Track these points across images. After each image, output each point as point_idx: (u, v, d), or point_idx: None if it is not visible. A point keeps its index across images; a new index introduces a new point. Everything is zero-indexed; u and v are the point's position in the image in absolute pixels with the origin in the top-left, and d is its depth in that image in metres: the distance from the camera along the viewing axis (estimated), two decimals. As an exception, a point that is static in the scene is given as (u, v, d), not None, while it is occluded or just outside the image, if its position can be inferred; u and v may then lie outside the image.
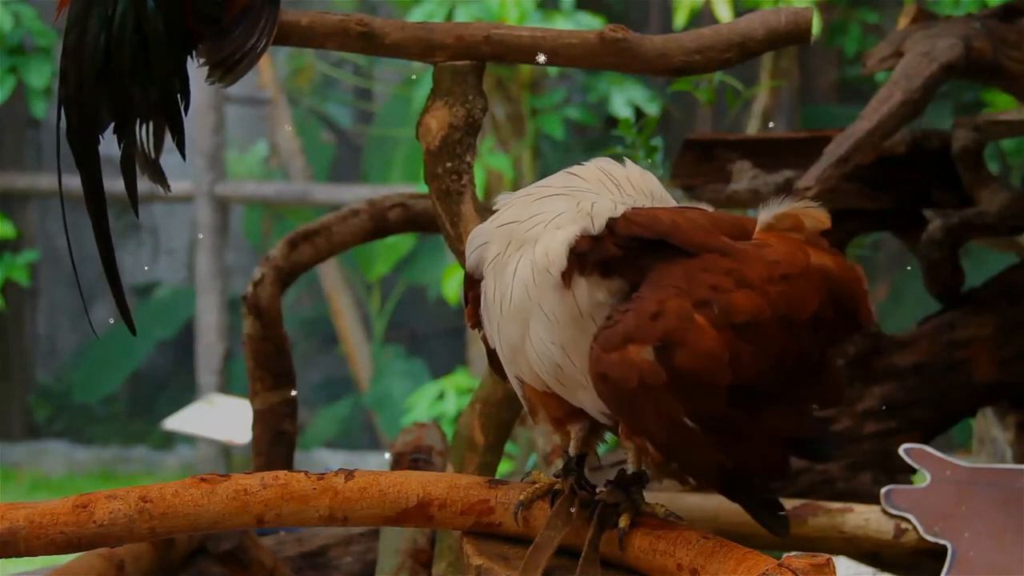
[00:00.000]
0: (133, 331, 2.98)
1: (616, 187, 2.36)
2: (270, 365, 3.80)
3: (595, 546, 2.33)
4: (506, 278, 2.30)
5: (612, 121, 8.34)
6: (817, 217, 2.37)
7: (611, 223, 2.27)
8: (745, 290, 2.23)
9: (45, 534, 2.35)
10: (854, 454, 4.10)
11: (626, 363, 2.20)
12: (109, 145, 2.89)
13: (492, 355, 2.44)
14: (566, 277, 2.25)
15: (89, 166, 2.86)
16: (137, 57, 2.80)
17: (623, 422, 2.29)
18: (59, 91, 2.85)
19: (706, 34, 2.96)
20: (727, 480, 2.35)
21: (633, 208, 2.31)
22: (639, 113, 8.51)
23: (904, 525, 3.53)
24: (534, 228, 2.29)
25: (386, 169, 10.64)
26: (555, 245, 2.26)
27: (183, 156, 2.93)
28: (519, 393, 2.43)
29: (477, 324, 2.44)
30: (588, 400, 2.33)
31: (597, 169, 2.39)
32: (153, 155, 2.88)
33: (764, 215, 2.37)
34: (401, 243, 10.15)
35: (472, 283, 2.41)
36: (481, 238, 2.37)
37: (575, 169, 2.40)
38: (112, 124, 2.85)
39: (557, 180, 2.38)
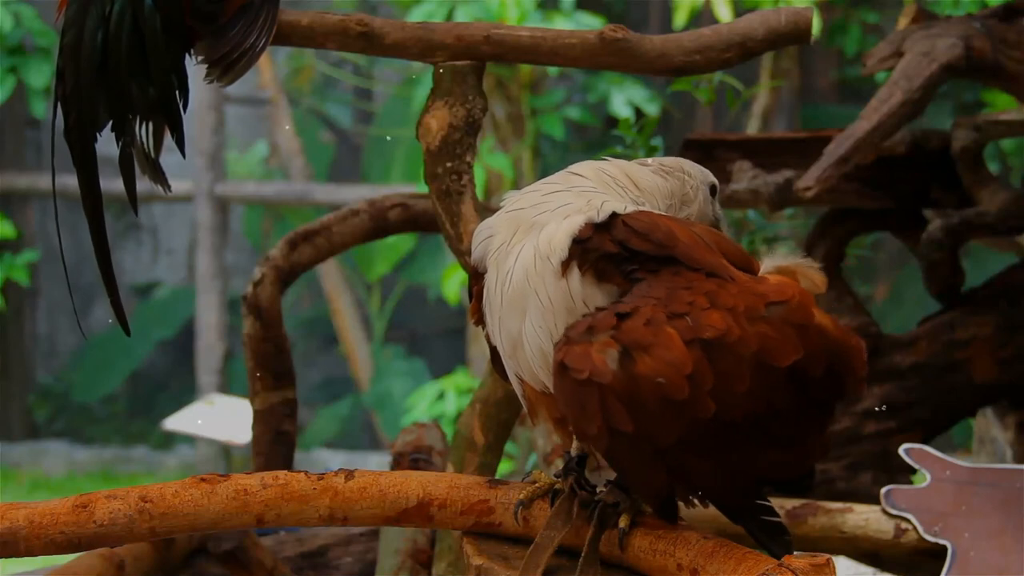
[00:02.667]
0: (127, 331, 2.98)
1: (613, 181, 2.39)
2: (270, 365, 3.80)
3: (595, 546, 2.33)
4: (508, 263, 2.31)
5: (612, 121, 8.35)
6: (814, 279, 2.36)
7: (611, 219, 2.28)
8: (721, 311, 2.21)
9: (45, 534, 2.35)
10: (854, 454, 4.10)
11: (584, 356, 2.18)
12: (110, 145, 2.89)
13: (495, 353, 2.45)
14: (565, 266, 2.26)
15: (86, 165, 2.86)
16: (134, 55, 2.80)
17: (571, 422, 2.25)
18: (56, 90, 2.84)
19: (706, 34, 2.97)
20: (667, 506, 2.31)
21: (638, 210, 2.32)
22: (639, 113, 8.52)
23: (904, 525, 3.53)
24: (541, 215, 2.31)
25: (386, 169, 10.64)
26: (559, 234, 2.28)
27: (183, 154, 2.93)
28: (519, 393, 2.43)
29: (480, 320, 2.44)
30: None
31: (595, 169, 2.41)
32: (152, 154, 2.88)
33: (766, 264, 2.37)
34: (401, 243, 10.16)
35: (476, 277, 2.42)
36: (487, 231, 2.38)
37: (574, 167, 2.42)
38: (110, 122, 2.85)
39: (560, 177, 2.40)
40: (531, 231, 2.31)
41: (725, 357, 2.19)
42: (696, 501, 2.39)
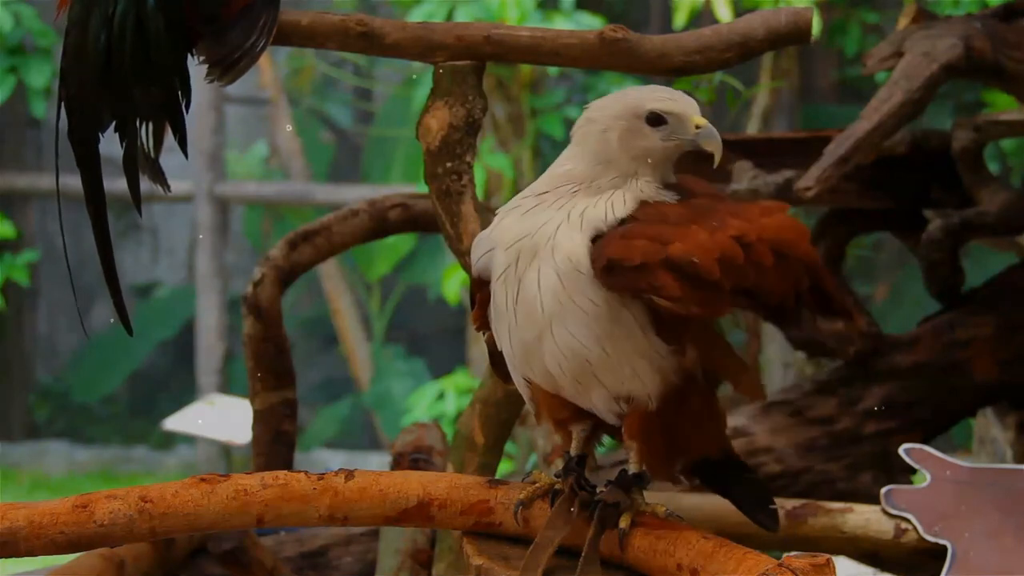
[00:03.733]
0: (130, 332, 2.98)
1: (572, 183, 2.38)
2: (270, 365, 3.79)
3: (595, 546, 2.34)
4: (529, 290, 2.30)
5: (612, 121, 8.32)
6: None
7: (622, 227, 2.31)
8: (741, 220, 2.31)
9: (45, 534, 2.35)
10: (854, 454, 4.10)
11: (628, 247, 2.25)
12: (111, 145, 2.89)
13: (495, 356, 2.44)
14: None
15: (90, 166, 2.86)
16: (137, 56, 2.80)
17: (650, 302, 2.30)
18: (60, 91, 2.85)
19: (706, 34, 2.96)
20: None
21: (638, 207, 2.32)
22: (639, 113, 8.49)
23: (904, 525, 3.53)
24: (547, 242, 2.31)
25: (386, 169, 10.64)
26: (576, 249, 2.28)
27: (185, 154, 2.93)
28: (525, 394, 2.43)
29: (484, 326, 2.44)
30: (600, 399, 2.34)
31: (549, 179, 2.41)
32: (153, 154, 2.88)
33: None
34: (401, 243, 10.16)
35: (479, 284, 2.41)
36: (487, 244, 2.38)
37: (534, 186, 2.42)
38: (113, 124, 2.85)
39: (532, 197, 2.39)
40: (539, 254, 2.31)
41: (747, 245, 2.28)
42: (682, 477, 2.49)
